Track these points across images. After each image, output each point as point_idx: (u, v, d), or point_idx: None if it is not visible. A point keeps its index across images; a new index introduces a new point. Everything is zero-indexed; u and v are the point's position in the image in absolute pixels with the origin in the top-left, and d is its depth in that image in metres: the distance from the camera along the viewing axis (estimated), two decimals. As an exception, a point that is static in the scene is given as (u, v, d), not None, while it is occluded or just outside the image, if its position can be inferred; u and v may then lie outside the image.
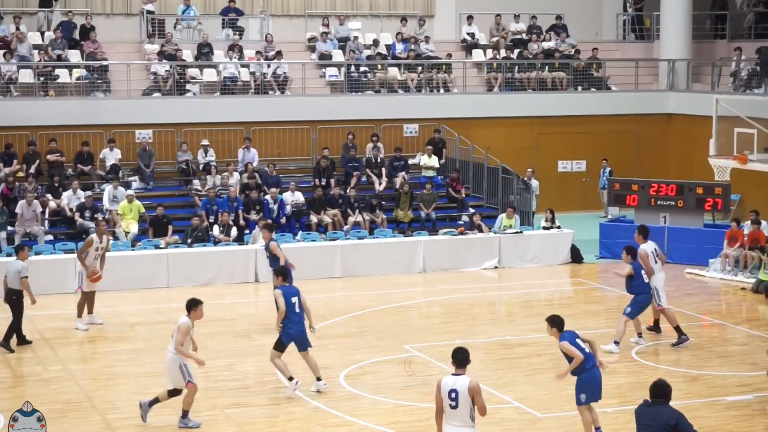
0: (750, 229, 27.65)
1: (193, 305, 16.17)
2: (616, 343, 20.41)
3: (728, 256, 27.60)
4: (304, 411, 17.10)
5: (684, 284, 26.98)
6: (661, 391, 11.79)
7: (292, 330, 17.54)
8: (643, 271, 20.47)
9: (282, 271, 18.23)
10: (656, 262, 20.90)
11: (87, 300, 22.37)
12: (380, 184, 32.10)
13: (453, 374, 12.60)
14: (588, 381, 14.95)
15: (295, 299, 17.51)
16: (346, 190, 30.91)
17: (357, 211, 30.32)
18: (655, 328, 21.55)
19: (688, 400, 17.47)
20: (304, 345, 17.74)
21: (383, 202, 31.15)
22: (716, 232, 28.94)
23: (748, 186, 32.80)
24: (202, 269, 26.82)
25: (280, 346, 17.65)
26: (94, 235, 22.63)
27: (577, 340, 14.90)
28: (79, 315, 22.29)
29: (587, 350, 14.94)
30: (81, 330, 22.11)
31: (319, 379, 17.96)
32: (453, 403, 12.41)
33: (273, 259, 21.71)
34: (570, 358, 14.87)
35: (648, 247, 21.00)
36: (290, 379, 17.72)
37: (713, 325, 23.27)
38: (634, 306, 20.50)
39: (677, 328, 20.84)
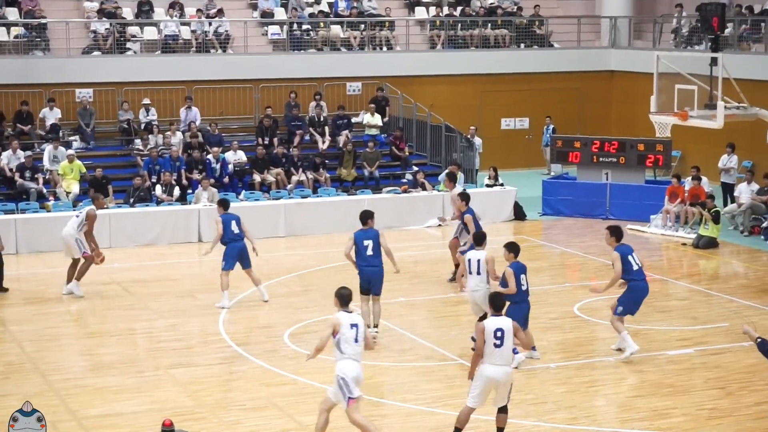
0: (691, 185, 27.93)
1: (484, 240, 17.85)
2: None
3: (669, 212, 27.85)
4: (247, 371, 17.07)
5: (625, 240, 27.08)
6: None
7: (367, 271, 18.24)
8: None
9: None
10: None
11: (77, 267, 21.54)
12: (323, 142, 32.00)
13: (493, 316, 13.58)
14: (512, 312, 15.62)
15: (368, 242, 18.01)
16: (289, 149, 30.78)
17: (300, 170, 30.21)
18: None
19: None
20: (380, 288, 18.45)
21: (326, 161, 31.05)
22: (657, 188, 29.16)
23: (688, 142, 33.09)
24: (144, 229, 26.63)
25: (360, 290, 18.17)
26: (95, 211, 21.99)
27: (522, 275, 16.76)
28: (78, 278, 21.48)
29: (524, 288, 16.79)
30: (77, 295, 21.43)
31: (376, 326, 18.50)
32: (498, 342, 13.30)
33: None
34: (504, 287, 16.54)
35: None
36: (375, 326, 18.37)
37: (654, 280, 23.44)
38: None
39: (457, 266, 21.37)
